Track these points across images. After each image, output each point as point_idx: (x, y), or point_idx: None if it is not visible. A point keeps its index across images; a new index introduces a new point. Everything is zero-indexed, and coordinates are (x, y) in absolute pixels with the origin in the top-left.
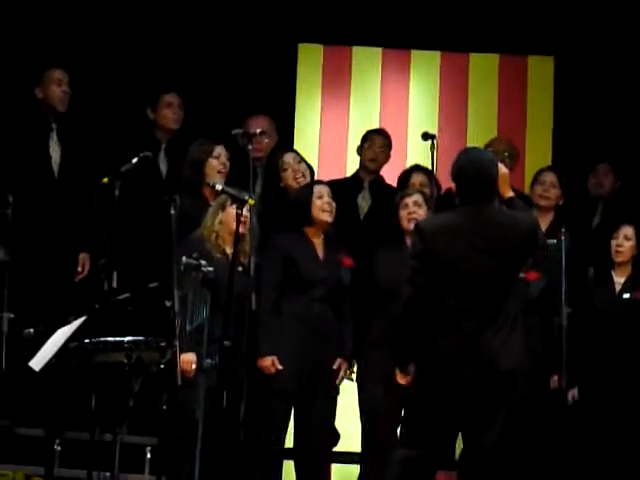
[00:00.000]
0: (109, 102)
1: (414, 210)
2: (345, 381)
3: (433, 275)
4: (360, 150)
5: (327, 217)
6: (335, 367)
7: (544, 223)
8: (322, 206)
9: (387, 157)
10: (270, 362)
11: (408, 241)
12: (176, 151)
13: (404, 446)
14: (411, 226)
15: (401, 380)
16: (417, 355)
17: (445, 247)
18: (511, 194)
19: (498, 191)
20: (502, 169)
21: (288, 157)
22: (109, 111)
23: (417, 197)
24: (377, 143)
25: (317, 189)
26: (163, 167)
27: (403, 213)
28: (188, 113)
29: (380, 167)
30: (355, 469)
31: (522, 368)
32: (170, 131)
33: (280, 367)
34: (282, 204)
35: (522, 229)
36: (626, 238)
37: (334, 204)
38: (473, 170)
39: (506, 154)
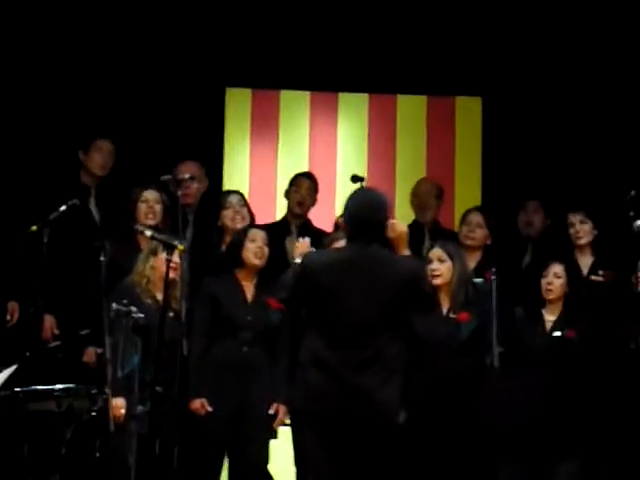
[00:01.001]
0: (35, 145)
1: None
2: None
3: (314, 305)
4: (287, 194)
5: (256, 261)
6: (272, 412)
7: (472, 262)
8: (254, 250)
9: (314, 200)
10: (200, 404)
11: None
12: (106, 197)
13: None
14: None
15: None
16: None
17: (327, 281)
18: (406, 253)
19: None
20: (401, 227)
21: (233, 198)
22: (35, 154)
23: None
24: (304, 186)
25: (252, 233)
26: (95, 213)
27: None
28: (118, 158)
29: (307, 210)
30: None
31: (395, 407)
32: (97, 177)
33: (210, 409)
34: (215, 243)
35: (403, 274)
36: (556, 276)
37: (267, 249)
38: (364, 210)
39: (433, 194)
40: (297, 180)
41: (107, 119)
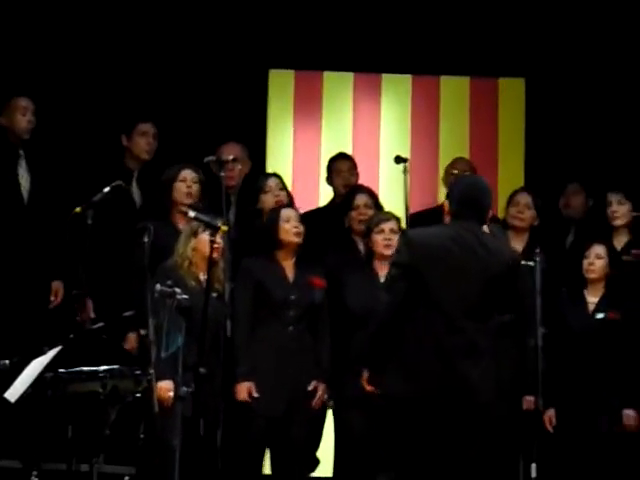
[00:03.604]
0: (79, 130)
1: (390, 237)
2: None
3: (416, 289)
4: (330, 180)
5: (294, 238)
6: (310, 389)
7: (519, 244)
8: (289, 229)
9: (357, 178)
10: (246, 390)
11: (377, 265)
12: (148, 180)
13: None
14: (386, 252)
15: (368, 387)
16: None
17: (432, 264)
18: None
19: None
20: None
21: (272, 181)
22: (79, 139)
23: (393, 224)
24: (344, 168)
25: (284, 213)
26: (136, 196)
27: (378, 238)
28: (160, 141)
29: None
30: None
31: (497, 400)
32: (142, 160)
33: (256, 395)
34: (256, 226)
35: (506, 259)
36: (597, 257)
37: (302, 227)
38: (478, 192)
39: (467, 174)
40: (335, 164)
41: (150, 102)
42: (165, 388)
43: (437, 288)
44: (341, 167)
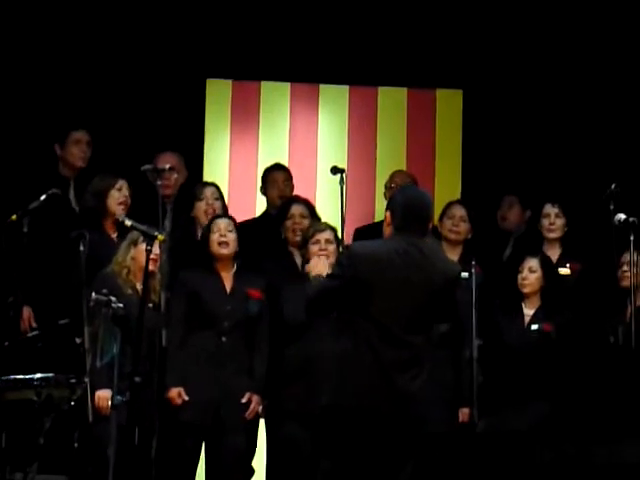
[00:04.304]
0: (11, 138)
1: (326, 247)
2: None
3: (358, 302)
4: (264, 190)
5: (223, 250)
6: (244, 401)
7: (454, 256)
8: (217, 240)
9: (292, 189)
10: (176, 393)
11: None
12: (85, 188)
13: None
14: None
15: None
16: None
17: (375, 277)
18: None
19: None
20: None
21: (208, 190)
22: (12, 147)
23: (329, 234)
24: (279, 179)
25: (215, 224)
26: (75, 204)
27: (314, 248)
28: (97, 149)
29: None
30: None
31: (437, 412)
32: (77, 168)
33: (186, 398)
34: (190, 236)
35: (449, 271)
36: (530, 270)
37: (231, 236)
38: (418, 203)
39: (409, 185)
40: (270, 175)
41: (86, 111)
42: (103, 397)
43: (380, 301)
44: (276, 178)
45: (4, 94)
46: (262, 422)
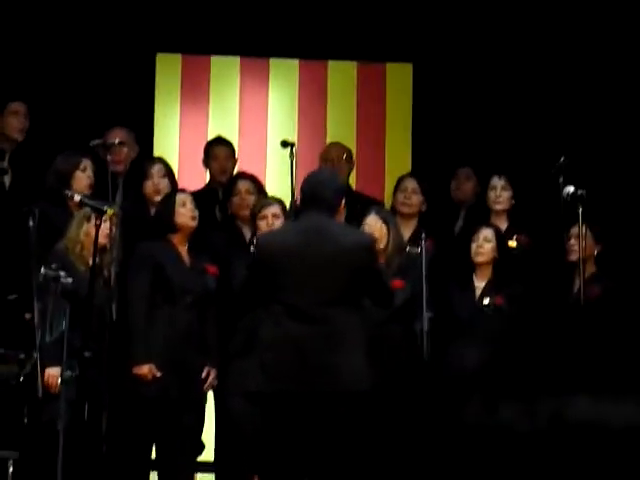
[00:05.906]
0: None
1: (273, 222)
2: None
3: (269, 287)
4: (206, 164)
5: (190, 222)
6: (204, 375)
7: (408, 230)
8: (185, 213)
9: (234, 163)
10: (147, 369)
11: None
12: (21, 161)
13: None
14: None
15: None
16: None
17: (282, 262)
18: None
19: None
20: None
21: (155, 168)
22: None
23: (276, 208)
24: (220, 154)
25: (180, 197)
26: (6, 178)
27: (261, 223)
28: (43, 124)
29: (231, 174)
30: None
31: (367, 386)
32: (14, 140)
33: (158, 374)
34: (141, 211)
35: (360, 243)
36: (486, 240)
37: (197, 212)
38: (317, 186)
39: (344, 157)
40: (212, 150)
41: (31, 84)
42: (53, 375)
43: (285, 281)
44: (217, 152)
45: None
46: (210, 396)
